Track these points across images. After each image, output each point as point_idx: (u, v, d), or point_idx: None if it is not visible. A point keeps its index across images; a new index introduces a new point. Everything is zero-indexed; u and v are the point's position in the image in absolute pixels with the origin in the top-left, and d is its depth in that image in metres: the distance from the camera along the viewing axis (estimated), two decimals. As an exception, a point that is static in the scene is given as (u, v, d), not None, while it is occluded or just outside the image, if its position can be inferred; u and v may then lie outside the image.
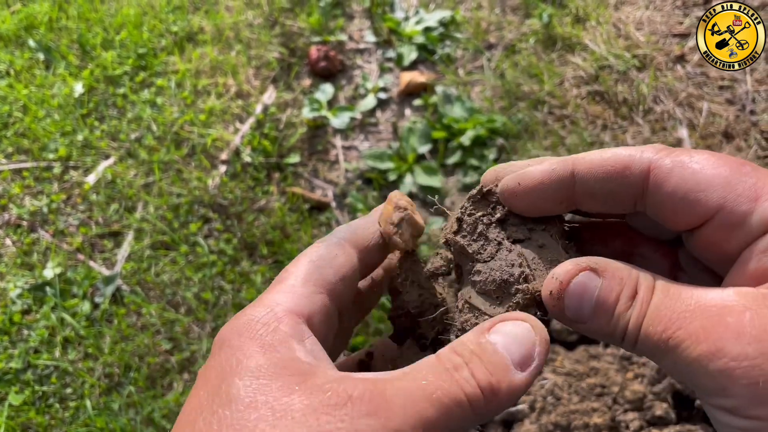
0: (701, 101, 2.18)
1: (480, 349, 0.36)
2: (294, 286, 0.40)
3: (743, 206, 0.35)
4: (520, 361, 0.36)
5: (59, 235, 2.01)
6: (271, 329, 0.36)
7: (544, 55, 2.39)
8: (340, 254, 0.43)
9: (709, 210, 0.36)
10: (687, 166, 0.37)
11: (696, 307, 0.34)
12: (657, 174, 0.38)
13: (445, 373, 0.34)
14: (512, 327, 0.37)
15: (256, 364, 0.34)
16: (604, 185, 0.40)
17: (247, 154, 2.17)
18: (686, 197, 0.37)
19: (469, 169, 2.13)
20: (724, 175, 0.36)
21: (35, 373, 1.73)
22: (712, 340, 0.32)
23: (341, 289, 0.42)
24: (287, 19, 2.62)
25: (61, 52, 2.48)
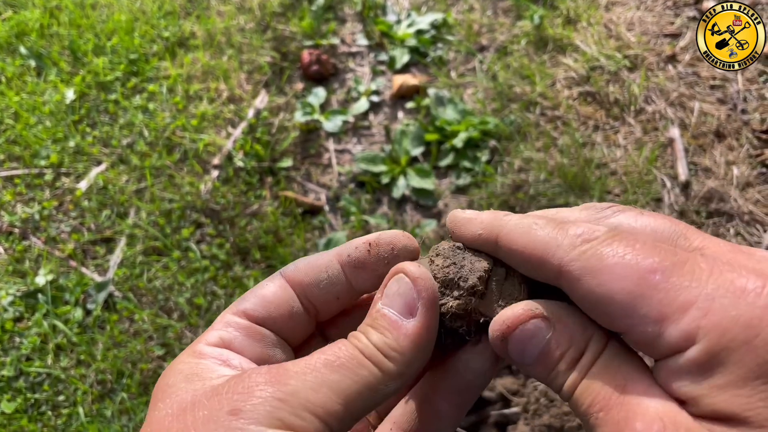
0: (693, 101, 2.18)
1: (371, 320, 0.39)
2: (215, 323, 0.43)
3: (649, 328, 0.32)
4: (404, 310, 0.38)
5: (51, 242, 2.01)
6: (192, 364, 0.39)
7: (535, 57, 2.40)
8: (268, 285, 0.44)
9: (617, 328, 0.35)
10: (594, 274, 0.35)
11: (625, 396, 0.33)
12: (567, 278, 0.36)
13: (346, 345, 0.37)
14: (392, 284, 0.39)
15: (179, 388, 0.37)
16: (526, 266, 0.39)
17: (239, 159, 2.16)
18: (594, 310, 0.35)
19: (462, 171, 2.13)
20: (629, 291, 0.33)
21: (27, 380, 1.72)
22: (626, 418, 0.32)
23: (263, 314, 0.43)
24: (279, 24, 2.62)
25: (52, 59, 2.47)
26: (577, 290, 0.35)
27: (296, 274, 0.44)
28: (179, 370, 0.39)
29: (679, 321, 0.31)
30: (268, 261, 1.94)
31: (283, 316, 0.43)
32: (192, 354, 0.40)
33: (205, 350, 0.40)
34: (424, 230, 1.99)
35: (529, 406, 1.46)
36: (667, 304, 0.32)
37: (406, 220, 2.05)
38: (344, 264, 0.44)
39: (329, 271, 0.44)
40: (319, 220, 2.06)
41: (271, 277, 0.45)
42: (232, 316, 0.42)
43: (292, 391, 0.34)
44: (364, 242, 0.44)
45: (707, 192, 1.96)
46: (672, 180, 2.00)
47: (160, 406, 0.37)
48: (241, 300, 0.43)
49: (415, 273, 0.39)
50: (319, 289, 0.44)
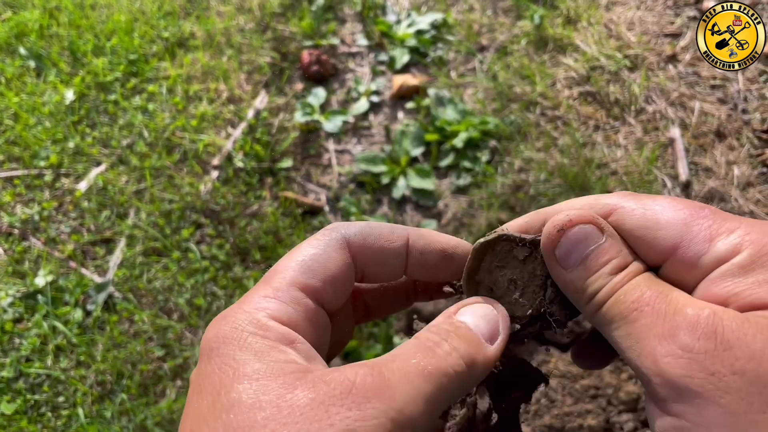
0: (693, 101, 2.18)
1: (454, 327, 0.39)
2: (278, 290, 0.39)
3: (698, 246, 0.36)
4: (489, 335, 0.40)
5: (51, 242, 2.00)
6: (259, 337, 0.36)
7: (535, 57, 2.39)
8: (335, 257, 0.42)
9: (666, 249, 0.38)
10: (648, 207, 0.39)
11: (668, 296, 0.35)
12: (619, 213, 0.40)
13: (429, 350, 0.37)
14: (476, 308, 0.42)
15: (253, 368, 0.34)
16: None
17: (239, 159, 2.16)
18: (646, 236, 0.38)
19: (462, 171, 2.13)
20: (682, 217, 0.38)
21: (27, 381, 1.72)
22: (668, 325, 0.34)
23: (330, 294, 0.41)
24: (279, 24, 2.62)
25: (52, 60, 2.47)
26: (627, 222, 0.39)
27: (365, 247, 0.43)
28: (247, 344, 0.36)
29: (727, 237, 0.36)
30: (267, 261, 1.93)
31: (341, 293, 0.42)
32: (257, 325, 0.37)
33: (270, 325, 0.37)
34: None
35: (529, 406, 1.45)
36: (716, 228, 0.36)
37: (406, 221, 2.05)
38: (413, 257, 0.45)
39: (394, 259, 0.44)
40: (320, 221, 2.05)
41: (331, 239, 0.42)
42: (298, 291, 0.40)
43: (400, 408, 0.33)
44: (441, 250, 0.45)
45: (708, 192, 1.95)
46: (673, 180, 2.00)
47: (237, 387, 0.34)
48: (305, 269, 0.40)
49: (501, 309, 0.42)
50: (379, 269, 0.44)
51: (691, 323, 0.33)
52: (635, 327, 0.35)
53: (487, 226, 1.95)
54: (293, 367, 0.35)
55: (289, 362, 0.35)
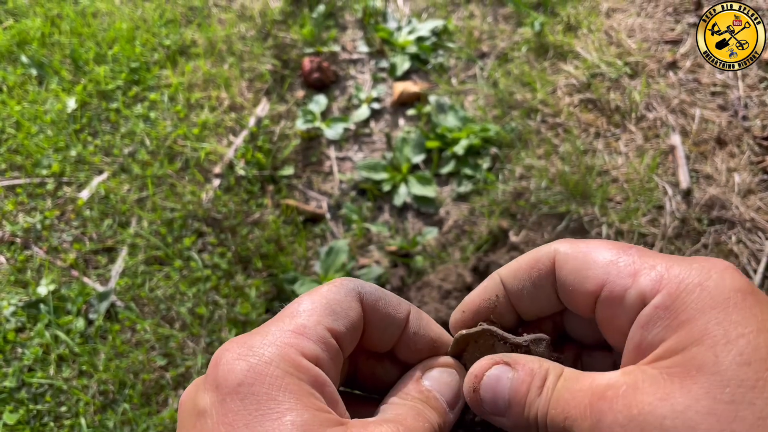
0: (694, 107, 2.18)
1: (424, 397, 0.42)
2: (306, 327, 0.39)
3: (622, 281, 0.38)
4: (451, 402, 0.43)
5: (53, 251, 2.01)
6: (295, 378, 0.36)
7: (536, 64, 2.40)
8: (355, 307, 0.42)
9: (595, 287, 0.39)
10: (580, 250, 0.41)
11: (588, 387, 0.36)
12: (558, 260, 0.42)
13: (420, 414, 0.41)
14: (443, 374, 0.44)
15: (302, 419, 0.34)
16: (526, 284, 0.44)
17: (240, 167, 2.17)
18: (577, 277, 0.40)
19: (463, 178, 2.13)
20: (609, 255, 0.40)
21: (29, 391, 1.72)
22: (594, 414, 0.35)
23: (348, 342, 0.41)
24: (280, 31, 2.62)
25: (53, 68, 2.48)
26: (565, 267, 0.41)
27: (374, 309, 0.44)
28: (285, 385, 0.35)
29: (649, 273, 0.37)
30: (269, 270, 1.94)
31: (355, 341, 0.43)
32: (291, 363, 0.36)
33: (303, 364, 0.36)
34: (425, 238, 1.99)
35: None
36: (639, 263, 0.38)
37: (407, 228, 2.05)
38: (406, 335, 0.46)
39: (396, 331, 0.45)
40: (321, 228, 2.06)
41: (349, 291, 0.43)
42: (326, 331, 0.39)
43: None
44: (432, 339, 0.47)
45: (709, 199, 1.95)
46: (673, 187, 2.00)
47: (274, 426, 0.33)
48: (331, 312, 0.40)
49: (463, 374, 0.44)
50: (380, 334, 0.44)
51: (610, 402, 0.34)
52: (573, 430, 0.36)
53: (488, 234, 1.96)
54: (333, 420, 0.35)
55: (326, 412, 0.36)
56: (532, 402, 0.39)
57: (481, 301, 0.46)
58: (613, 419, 0.33)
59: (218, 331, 1.81)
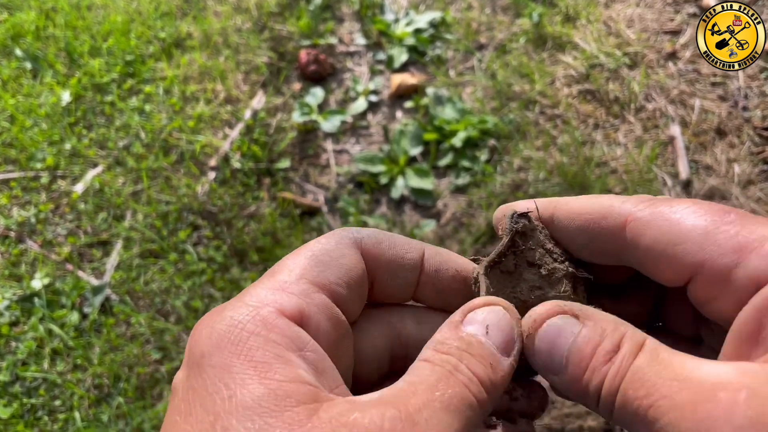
0: (693, 98, 2.16)
1: (465, 344, 0.34)
2: (286, 282, 0.34)
3: (726, 259, 0.31)
4: (504, 346, 0.35)
5: (47, 245, 1.99)
6: (261, 340, 0.31)
7: (534, 55, 2.38)
8: (348, 254, 0.37)
9: (690, 266, 0.33)
10: (665, 217, 0.34)
11: (687, 376, 0.29)
12: (634, 227, 0.35)
13: (450, 378, 0.32)
14: (486, 314, 0.36)
15: (253, 395, 0.29)
16: (582, 235, 0.38)
17: (236, 160, 2.15)
18: (665, 252, 0.33)
19: (461, 170, 2.11)
20: (703, 226, 0.32)
21: (23, 385, 1.71)
22: (699, 417, 0.27)
23: (346, 294, 0.36)
24: (276, 23, 2.60)
25: (48, 61, 2.46)
26: (644, 238, 0.34)
27: (377, 253, 0.38)
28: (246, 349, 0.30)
29: (761, 249, 0.30)
30: (265, 263, 1.92)
31: (357, 298, 0.37)
32: (261, 322, 0.32)
33: (278, 323, 0.32)
34: (423, 230, 1.97)
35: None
36: (745, 234, 0.31)
37: (405, 221, 2.04)
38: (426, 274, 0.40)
39: (411, 274, 0.40)
40: (318, 221, 2.04)
41: (342, 238, 0.37)
42: (313, 287, 0.35)
43: None
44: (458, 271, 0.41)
45: (708, 190, 1.94)
46: (673, 178, 1.98)
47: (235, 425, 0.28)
48: (317, 263, 0.35)
49: (513, 312, 0.37)
50: (391, 280, 0.39)
51: (728, 412, 0.27)
52: (659, 428, 0.29)
53: (487, 226, 1.94)
54: (301, 394, 0.30)
55: (298, 382, 0.30)
56: (596, 368, 0.32)
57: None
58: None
59: (214, 325, 1.80)
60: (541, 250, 0.39)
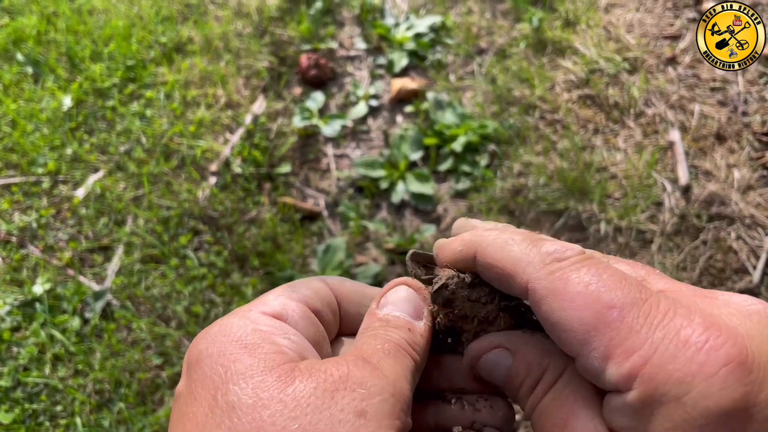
0: (693, 103, 2.17)
1: (384, 322, 0.41)
2: (266, 298, 0.40)
3: (595, 363, 0.33)
4: (415, 313, 0.42)
5: (48, 250, 2.00)
6: (249, 330, 0.36)
7: (534, 60, 2.38)
8: (317, 282, 0.44)
9: (569, 352, 0.36)
10: (558, 295, 0.35)
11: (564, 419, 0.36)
12: (531, 295, 0.37)
13: (383, 339, 0.39)
14: (397, 292, 0.43)
15: (245, 365, 0.34)
16: (500, 284, 0.41)
17: (237, 165, 2.15)
18: (552, 332, 0.36)
19: (461, 175, 2.12)
20: (584, 322, 0.34)
21: (25, 390, 1.71)
22: None
23: (319, 307, 0.42)
24: (277, 28, 2.61)
25: (49, 66, 2.46)
26: (539, 310, 0.37)
27: (342, 290, 0.45)
28: (236, 338, 0.36)
29: (621, 364, 0.32)
30: (266, 268, 1.93)
31: (330, 315, 0.43)
32: (248, 320, 0.37)
33: (260, 319, 0.38)
34: (423, 235, 1.98)
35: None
36: (615, 344, 0.33)
37: (405, 226, 2.04)
38: None
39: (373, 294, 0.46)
40: (318, 226, 2.05)
41: (310, 278, 0.44)
42: (288, 299, 0.40)
43: (393, 383, 0.36)
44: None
45: (708, 195, 1.94)
46: (672, 183, 1.98)
47: (233, 388, 0.33)
48: (289, 288, 0.42)
49: (418, 284, 0.44)
50: (355, 312, 0.45)
51: None
52: None
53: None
54: (285, 358, 0.35)
55: (280, 353, 0.35)
56: (523, 398, 0.39)
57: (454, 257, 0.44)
58: None
59: (214, 330, 1.80)
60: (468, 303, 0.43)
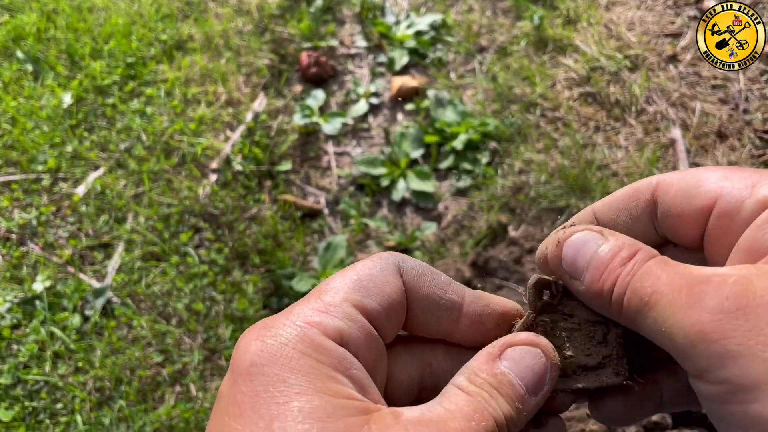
0: (694, 101, 2.17)
1: (497, 381, 0.37)
2: (331, 304, 0.36)
3: (740, 192, 0.35)
4: (534, 388, 0.37)
5: (49, 247, 1.99)
6: (312, 361, 0.33)
7: (535, 58, 2.38)
8: (392, 281, 0.39)
9: (707, 202, 0.37)
10: (688, 174, 0.39)
11: (687, 272, 0.33)
12: (662, 187, 0.40)
13: (483, 410, 0.35)
14: (522, 354, 0.38)
15: (311, 404, 0.31)
16: (621, 214, 0.41)
17: (237, 163, 2.15)
18: (686, 197, 0.38)
19: (462, 173, 2.12)
20: (721, 173, 0.37)
21: (25, 388, 1.71)
22: (692, 293, 0.32)
23: (385, 319, 0.38)
24: (277, 26, 2.61)
25: (49, 63, 2.46)
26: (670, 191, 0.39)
27: (416, 286, 0.40)
28: (299, 367, 0.32)
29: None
30: (267, 265, 1.92)
31: (394, 324, 0.39)
32: (310, 344, 0.34)
33: (325, 345, 0.34)
34: (424, 233, 1.97)
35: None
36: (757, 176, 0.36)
37: (406, 223, 2.04)
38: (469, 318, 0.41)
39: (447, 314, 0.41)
40: (319, 224, 2.04)
41: (388, 264, 0.39)
42: (353, 308, 0.36)
43: None
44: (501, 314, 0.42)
45: (710, 193, 1.94)
46: (674, 181, 1.98)
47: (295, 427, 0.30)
48: (361, 288, 0.37)
49: (551, 355, 0.39)
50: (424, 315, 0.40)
51: (716, 286, 0.31)
52: (658, 309, 0.33)
53: (488, 229, 1.94)
54: (354, 408, 0.32)
55: (349, 398, 0.32)
56: (613, 269, 0.36)
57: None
58: (716, 304, 0.30)
59: (215, 328, 1.80)
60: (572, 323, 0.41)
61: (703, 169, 0.39)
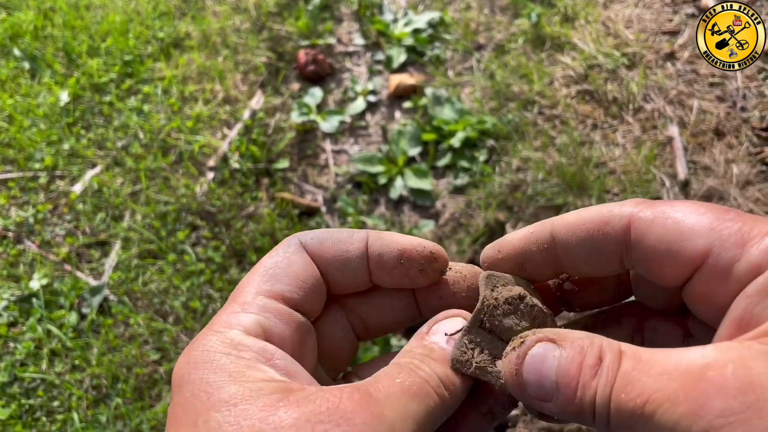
0: (692, 99, 2.17)
1: (427, 350, 0.39)
2: (245, 303, 0.38)
3: (730, 252, 0.33)
4: None
5: (45, 245, 1.99)
6: (233, 358, 0.35)
7: (533, 55, 2.38)
8: (296, 260, 0.40)
9: (694, 259, 0.34)
10: (668, 216, 0.36)
11: (675, 367, 0.30)
12: (638, 227, 0.36)
13: (412, 372, 0.37)
14: (448, 324, 0.41)
15: (229, 392, 0.33)
16: (586, 244, 0.39)
17: (235, 160, 2.15)
18: (670, 248, 0.35)
19: (459, 171, 2.11)
20: (707, 222, 0.34)
21: (22, 386, 1.71)
22: (693, 398, 0.29)
23: (301, 297, 0.40)
24: (275, 24, 2.60)
25: (46, 61, 2.45)
26: (649, 237, 0.36)
27: (322, 252, 0.42)
28: (220, 366, 0.34)
29: (761, 242, 0.32)
30: (264, 263, 1.92)
31: (313, 296, 0.41)
32: (230, 344, 0.35)
33: (245, 342, 0.36)
34: (421, 231, 1.97)
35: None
36: (747, 231, 0.33)
37: (403, 221, 2.04)
38: (372, 260, 0.42)
39: (355, 263, 0.42)
40: (316, 222, 2.04)
41: (290, 246, 0.41)
42: (268, 299, 0.38)
43: (390, 425, 0.33)
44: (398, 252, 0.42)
45: (707, 191, 1.94)
46: (671, 179, 1.98)
47: (214, 416, 0.32)
48: (269, 277, 0.39)
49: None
50: (340, 274, 0.42)
51: (718, 387, 0.29)
52: (659, 419, 0.30)
53: (485, 226, 1.94)
54: (274, 387, 0.33)
55: (269, 381, 0.34)
56: (586, 384, 0.33)
57: (523, 246, 0.42)
58: (725, 407, 0.28)
59: (212, 325, 1.79)
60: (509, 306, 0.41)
61: (685, 210, 0.35)
